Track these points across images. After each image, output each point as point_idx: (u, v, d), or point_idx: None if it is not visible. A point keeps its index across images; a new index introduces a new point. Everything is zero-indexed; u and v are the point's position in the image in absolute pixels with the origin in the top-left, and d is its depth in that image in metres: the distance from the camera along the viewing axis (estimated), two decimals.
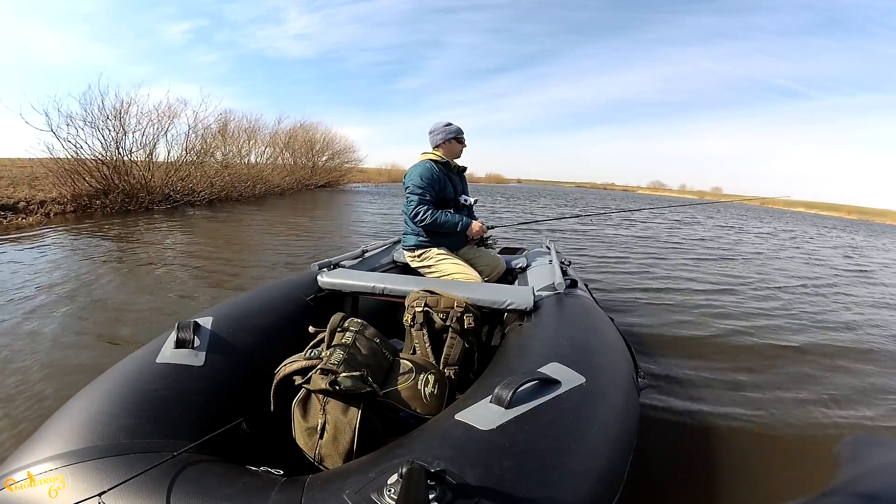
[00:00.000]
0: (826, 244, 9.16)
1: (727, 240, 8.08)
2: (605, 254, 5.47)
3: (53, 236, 4.77)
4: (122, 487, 0.62)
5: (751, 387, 2.00)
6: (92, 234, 5.02)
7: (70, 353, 1.93)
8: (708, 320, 3.01)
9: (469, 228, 1.93)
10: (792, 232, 11.42)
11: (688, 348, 2.43)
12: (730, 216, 14.37)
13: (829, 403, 1.90)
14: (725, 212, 14.87)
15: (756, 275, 4.88)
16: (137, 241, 4.79)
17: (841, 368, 2.34)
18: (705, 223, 10.96)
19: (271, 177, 13.02)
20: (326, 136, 18.21)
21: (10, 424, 1.39)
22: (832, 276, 5.22)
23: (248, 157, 13.14)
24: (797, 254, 7.08)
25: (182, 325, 1.03)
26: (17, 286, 2.85)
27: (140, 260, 3.86)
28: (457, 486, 0.58)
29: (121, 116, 7.96)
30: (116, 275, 3.32)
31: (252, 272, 3.65)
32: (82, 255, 3.91)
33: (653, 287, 3.89)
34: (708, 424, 1.64)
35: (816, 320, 3.24)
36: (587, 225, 8.59)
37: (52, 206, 6.60)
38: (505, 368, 0.97)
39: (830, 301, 3.93)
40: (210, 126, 10.14)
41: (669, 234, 8.01)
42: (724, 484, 1.32)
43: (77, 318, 2.35)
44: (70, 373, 1.73)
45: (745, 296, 3.84)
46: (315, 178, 16.59)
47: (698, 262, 5.42)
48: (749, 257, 6.14)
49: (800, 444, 1.57)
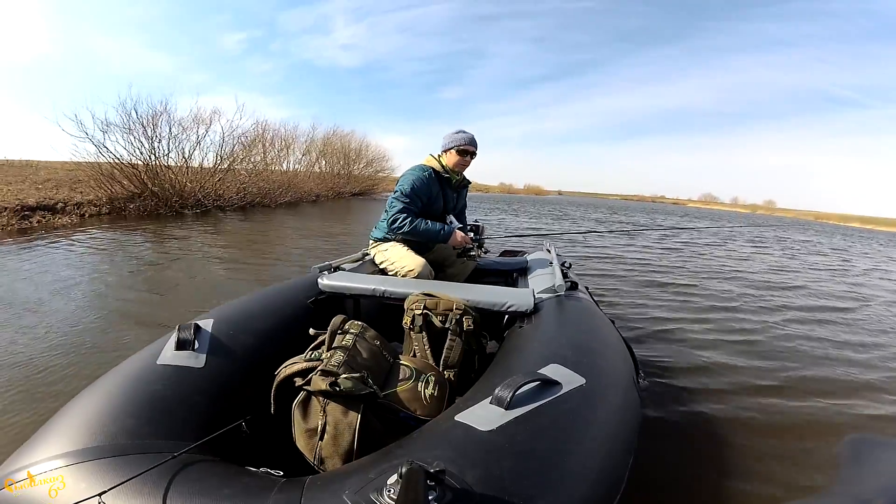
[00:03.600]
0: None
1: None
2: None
3: (85, 236, 5.09)
4: (122, 488, 0.62)
5: (751, 388, 2.00)
6: (126, 234, 5.38)
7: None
8: (708, 321, 3.01)
9: (452, 237, 1.82)
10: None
11: (688, 349, 2.43)
12: (783, 232, 13.32)
13: (830, 404, 1.90)
14: (780, 228, 14.20)
15: (757, 279, 4.88)
16: (169, 241, 5.09)
17: (842, 369, 2.33)
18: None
19: (305, 183, 13.26)
20: (361, 144, 18.64)
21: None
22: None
23: (283, 163, 13.50)
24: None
25: (183, 327, 1.04)
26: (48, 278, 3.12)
27: (169, 258, 4.15)
28: (456, 487, 0.58)
29: (154, 124, 8.33)
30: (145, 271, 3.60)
31: (274, 271, 3.81)
32: (115, 254, 4.23)
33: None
34: (708, 425, 1.64)
35: (818, 322, 3.23)
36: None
37: (88, 208, 6.93)
38: (505, 370, 0.97)
39: (829, 306, 3.92)
40: (244, 134, 10.45)
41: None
42: (724, 485, 1.31)
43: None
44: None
45: (747, 299, 3.83)
46: (349, 185, 16.86)
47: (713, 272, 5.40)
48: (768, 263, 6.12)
49: (800, 444, 1.56)
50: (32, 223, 5.68)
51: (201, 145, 9.36)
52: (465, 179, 1.95)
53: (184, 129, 8.97)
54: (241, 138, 10.23)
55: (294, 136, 14.38)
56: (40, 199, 6.42)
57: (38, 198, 6.50)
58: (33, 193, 6.78)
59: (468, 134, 1.84)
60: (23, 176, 8.59)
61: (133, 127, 7.98)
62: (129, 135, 7.94)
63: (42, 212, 6.08)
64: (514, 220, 11.57)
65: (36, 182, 7.94)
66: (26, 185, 7.48)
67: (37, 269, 3.47)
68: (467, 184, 1.98)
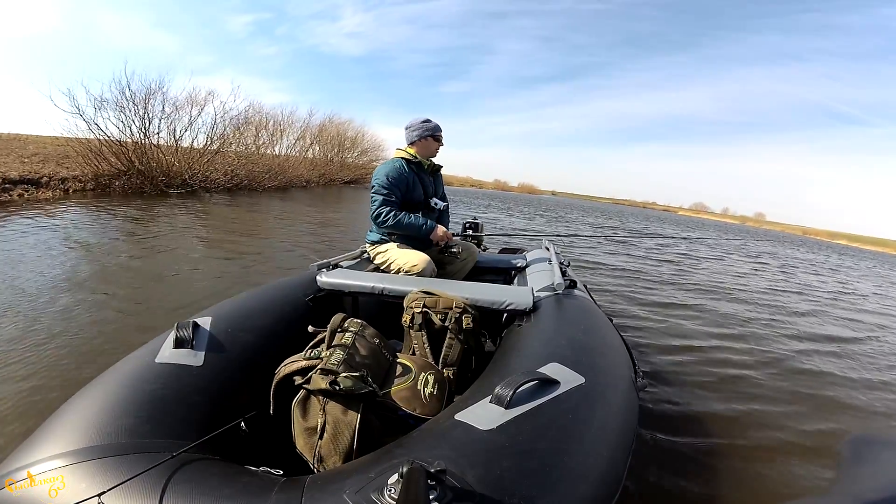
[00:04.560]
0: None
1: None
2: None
3: (67, 211, 5.04)
4: (122, 487, 0.62)
5: (750, 387, 2.01)
6: (107, 212, 5.30)
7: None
8: (708, 322, 3.02)
9: (433, 233, 1.84)
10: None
11: (688, 349, 2.44)
12: (771, 245, 13.23)
13: (830, 404, 1.91)
14: (765, 239, 13.99)
15: (756, 280, 4.90)
16: (152, 221, 5.05)
17: (842, 371, 2.35)
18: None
19: (296, 169, 13.16)
20: (358, 132, 18.60)
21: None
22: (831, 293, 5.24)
23: (275, 147, 13.40)
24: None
25: (181, 325, 1.03)
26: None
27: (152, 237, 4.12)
28: (457, 486, 0.58)
29: (146, 102, 8.23)
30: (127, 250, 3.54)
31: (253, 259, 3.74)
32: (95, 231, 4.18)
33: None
34: (707, 424, 1.65)
35: (814, 323, 3.25)
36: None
37: (73, 184, 6.86)
38: (504, 369, 0.97)
39: (822, 309, 3.95)
40: (236, 117, 10.41)
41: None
42: (723, 484, 1.32)
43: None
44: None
45: (748, 301, 3.85)
46: (342, 173, 16.80)
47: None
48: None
49: (800, 444, 1.57)
50: (13, 196, 5.66)
51: (193, 126, 9.28)
52: (435, 164, 1.97)
53: (177, 108, 8.90)
54: (232, 121, 10.18)
55: (290, 121, 14.28)
56: (23, 173, 6.30)
57: (22, 171, 6.39)
58: (17, 167, 6.66)
59: (435, 122, 1.91)
60: (9, 149, 8.27)
61: (126, 104, 7.90)
62: (122, 112, 7.86)
63: (25, 185, 6.03)
64: (507, 220, 11.38)
65: (22, 156, 7.72)
66: (10, 159, 7.24)
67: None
68: (439, 168, 2.00)
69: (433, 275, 1.76)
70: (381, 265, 1.87)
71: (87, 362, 1.69)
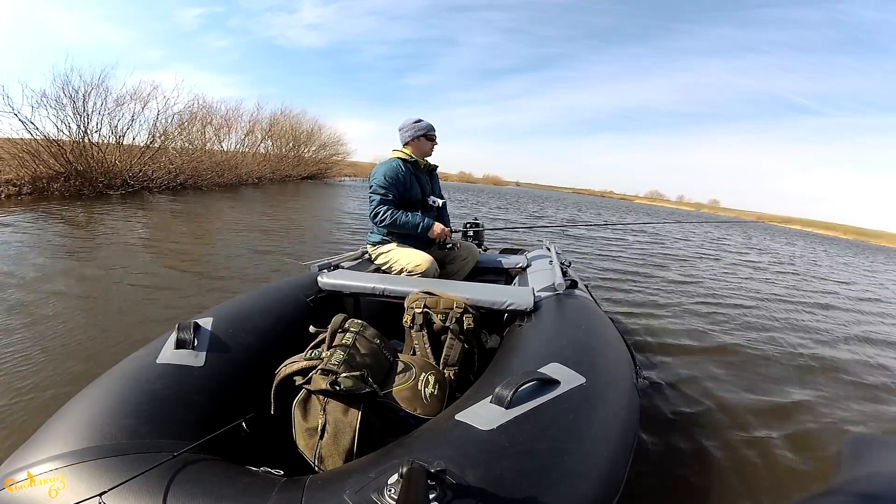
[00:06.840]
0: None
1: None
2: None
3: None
4: (123, 487, 0.62)
5: (750, 387, 2.00)
6: (45, 219, 4.76)
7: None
8: (709, 322, 3.02)
9: (431, 230, 1.84)
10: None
11: (688, 349, 2.43)
12: (727, 232, 13.06)
13: (830, 404, 1.90)
14: (725, 229, 14.04)
15: (756, 283, 4.89)
16: (97, 225, 4.63)
17: (841, 370, 2.34)
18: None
19: (246, 165, 12.50)
20: (313, 126, 17.75)
21: None
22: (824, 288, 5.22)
23: (222, 143, 12.71)
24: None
25: (182, 326, 1.03)
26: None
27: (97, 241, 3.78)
28: (457, 486, 0.58)
29: (84, 99, 7.79)
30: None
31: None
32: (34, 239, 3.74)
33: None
34: (708, 424, 1.64)
35: (813, 323, 3.24)
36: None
37: (6, 188, 6.30)
38: (505, 369, 0.97)
39: (818, 310, 3.94)
40: (180, 112, 9.89)
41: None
42: (724, 484, 1.32)
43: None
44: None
45: (748, 301, 3.84)
46: (298, 169, 16.13)
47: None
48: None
49: (800, 444, 1.57)
50: None
51: (135, 122, 8.81)
52: (431, 164, 1.99)
53: (118, 105, 8.42)
54: (175, 116, 9.68)
55: (238, 115, 13.45)
56: None
57: None
58: None
59: (427, 121, 1.92)
60: None
61: (64, 101, 7.42)
62: (60, 110, 7.36)
63: None
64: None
65: None
66: None
67: None
68: (434, 167, 2.02)
69: (436, 274, 1.77)
70: (382, 266, 1.87)
71: None
